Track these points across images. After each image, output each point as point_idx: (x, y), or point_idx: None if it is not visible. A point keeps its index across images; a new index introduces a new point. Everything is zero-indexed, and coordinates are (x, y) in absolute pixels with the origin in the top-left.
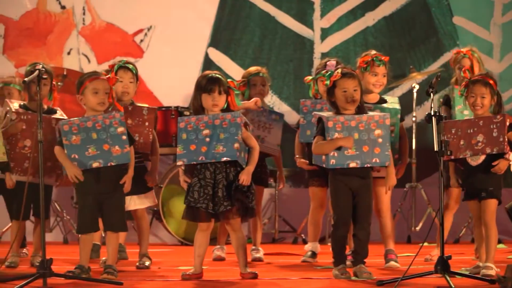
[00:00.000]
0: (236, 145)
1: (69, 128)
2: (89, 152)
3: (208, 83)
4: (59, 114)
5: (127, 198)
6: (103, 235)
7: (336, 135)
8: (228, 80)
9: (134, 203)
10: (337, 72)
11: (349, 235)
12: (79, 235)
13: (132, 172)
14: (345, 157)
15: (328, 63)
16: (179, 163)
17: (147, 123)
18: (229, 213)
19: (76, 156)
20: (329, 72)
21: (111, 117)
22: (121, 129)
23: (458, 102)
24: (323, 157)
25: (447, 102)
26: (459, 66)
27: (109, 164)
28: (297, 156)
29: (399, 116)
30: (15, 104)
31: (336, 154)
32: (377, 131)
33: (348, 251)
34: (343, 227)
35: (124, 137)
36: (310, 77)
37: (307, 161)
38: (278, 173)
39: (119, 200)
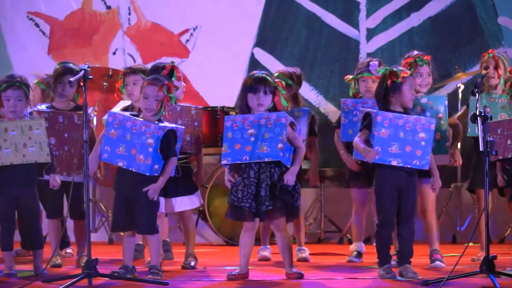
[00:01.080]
0: (280, 145)
1: (112, 120)
2: (119, 150)
3: (254, 82)
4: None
5: (175, 199)
6: None
7: (383, 130)
8: (276, 80)
9: (182, 204)
10: (407, 70)
11: (393, 235)
12: (122, 235)
13: (161, 185)
14: (388, 154)
15: (371, 63)
16: (223, 162)
17: (196, 123)
18: (273, 212)
19: (108, 149)
20: (397, 69)
21: (147, 126)
22: (150, 141)
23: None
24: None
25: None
26: (485, 65)
27: (130, 169)
28: (342, 152)
29: (446, 102)
30: (43, 106)
31: (380, 149)
32: (422, 134)
33: (393, 251)
34: (388, 226)
35: (151, 149)
36: (351, 76)
37: (356, 160)
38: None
39: (146, 202)
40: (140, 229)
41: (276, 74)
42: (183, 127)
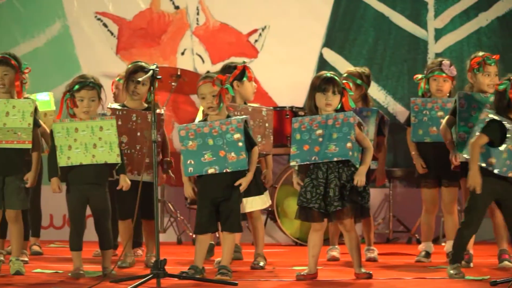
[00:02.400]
0: (349, 144)
1: (185, 133)
2: (205, 158)
3: (322, 83)
4: (157, 110)
5: (245, 200)
6: (217, 235)
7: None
8: (344, 81)
9: (251, 204)
10: None
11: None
12: (195, 236)
13: (252, 176)
14: (504, 165)
15: (443, 62)
16: (292, 163)
17: (267, 124)
18: (341, 213)
19: (192, 162)
20: None
21: (227, 123)
22: (237, 136)
23: None
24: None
25: None
26: None
27: (224, 171)
28: (413, 153)
29: None
30: (114, 105)
31: (496, 160)
32: None
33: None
34: (473, 228)
35: (240, 144)
36: (421, 76)
37: (424, 165)
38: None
39: (235, 201)
40: (230, 227)
41: (345, 75)
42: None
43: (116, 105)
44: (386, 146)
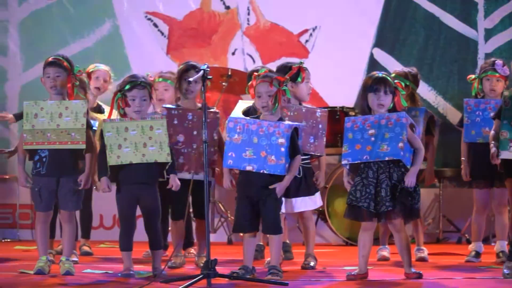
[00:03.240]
0: (401, 144)
1: (233, 126)
2: (246, 154)
3: (374, 83)
4: (213, 110)
5: (295, 200)
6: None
7: None
8: (395, 81)
9: (302, 204)
10: None
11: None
12: (242, 236)
13: (288, 183)
14: None
15: (496, 62)
16: (344, 162)
17: (320, 125)
18: (391, 213)
19: (233, 155)
20: None
21: (276, 126)
22: (281, 140)
23: None
24: None
25: None
26: None
27: (261, 171)
28: (463, 158)
29: None
30: (168, 104)
31: None
32: None
33: None
34: None
35: (283, 149)
36: (474, 76)
37: (468, 173)
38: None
39: (272, 204)
40: (267, 229)
41: (393, 75)
42: (304, 124)
43: (170, 105)
44: (436, 146)
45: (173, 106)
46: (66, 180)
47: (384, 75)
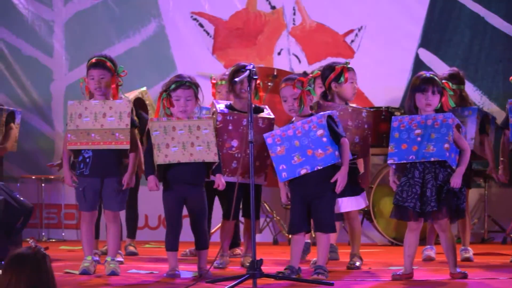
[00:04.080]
0: (446, 145)
1: (272, 140)
2: (295, 160)
3: (422, 83)
4: (266, 112)
5: (341, 200)
6: (313, 235)
7: None
8: (443, 81)
9: (347, 205)
10: None
11: None
12: (290, 236)
13: (346, 170)
14: None
15: None
16: (389, 161)
17: (366, 125)
18: (437, 213)
19: (284, 167)
20: None
21: (309, 122)
22: (320, 132)
23: None
24: None
25: None
26: None
27: (315, 169)
28: (502, 159)
29: None
30: (220, 105)
31: None
32: None
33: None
34: None
35: (325, 139)
36: None
37: (507, 174)
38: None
39: (328, 201)
40: (320, 227)
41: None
42: (335, 112)
43: (222, 106)
44: (492, 143)
45: (226, 111)
46: (110, 180)
47: (432, 75)
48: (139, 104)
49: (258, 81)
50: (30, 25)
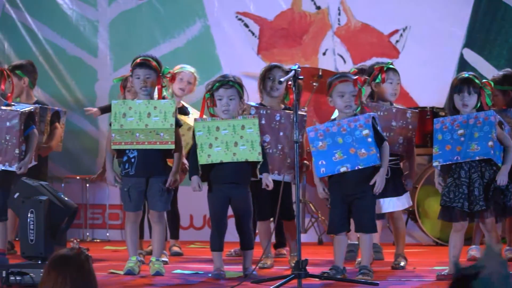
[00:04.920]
0: (490, 143)
1: (315, 134)
2: (336, 157)
3: (459, 83)
4: (304, 112)
5: (383, 200)
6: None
7: None
8: (484, 80)
9: (391, 205)
10: None
11: None
12: (333, 236)
13: (385, 172)
14: None
15: None
16: (435, 163)
17: (410, 126)
18: (485, 212)
19: (324, 162)
20: None
21: (355, 120)
22: (366, 132)
23: None
24: None
25: None
26: None
27: (356, 168)
28: None
29: None
30: (251, 102)
31: None
32: None
33: None
34: None
35: (370, 139)
36: None
37: None
38: None
39: (368, 201)
40: (361, 228)
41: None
42: (376, 115)
43: (253, 103)
44: None
45: (257, 105)
46: (155, 180)
47: (469, 76)
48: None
49: (289, 83)
50: (75, 25)
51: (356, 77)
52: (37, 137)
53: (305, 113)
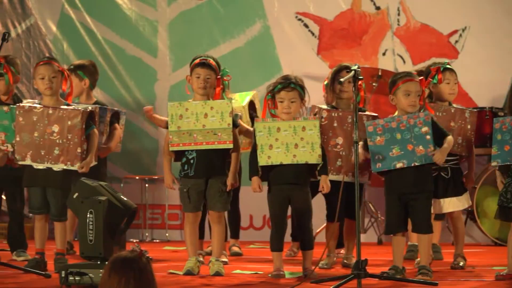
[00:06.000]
0: None
1: (373, 129)
2: (393, 153)
3: None
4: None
5: (443, 200)
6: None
7: None
8: None
9: (451, 205)
10: None
11: None
12: (391, 236)
13: (446, 149)
14: None
15: None
16: (493, 163)
17: (469, 126)
18: None
19: (380, 157)
20: None
21: (415, 117)
22: (425, 129)
23: None
24: None
25: None
26: None
27: (412, 165)
28: None
29: None
30: (323, 105)
31: None
32: None
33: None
34: None
35: (428, 137)
36: None
37: None
38: None
39: (425, 201)
40: (418, 228)
41: None
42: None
43: (324, 106)
44: None
45: (327, 108)
46: (214, 180)
47: None
48: (252, 107)
49: (360, 82)
50: (134, 25)
51: (421, 77)
52: (97, 137)
53: (376, 114)
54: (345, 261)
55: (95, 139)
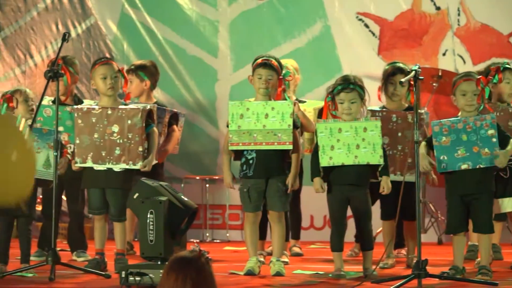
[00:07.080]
0: None
1: (439, 129)
2: (458, 154)
3: None
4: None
5: (502, 200)
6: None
7: None
8: None
9: (510, 204)
10: None
11: None
12: (452, 235)
13: (508, 152)
14: None
15: None
16: None
17: None
18: None
19: (445, 158)
20: None
21: (482, 119)
22: (491, 132)
23: None
24: None
25: None
26: None
27: (477, 167)
28: None
29: None
30: (374, 107)
31: None
32: None
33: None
34: None
35: (494, 139)
36: None
37: None
38: None
39: (486, 202)
40: (479, 228)
41: None
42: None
43: (376, 107)
44: None
45: (376, 108)
46: (274, 180)
47: None
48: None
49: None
50: (195, 26)
51: (480, 76)
52: (157, 135)
53: (422, 111)
54: (408, 261)
55: (155, 137)
